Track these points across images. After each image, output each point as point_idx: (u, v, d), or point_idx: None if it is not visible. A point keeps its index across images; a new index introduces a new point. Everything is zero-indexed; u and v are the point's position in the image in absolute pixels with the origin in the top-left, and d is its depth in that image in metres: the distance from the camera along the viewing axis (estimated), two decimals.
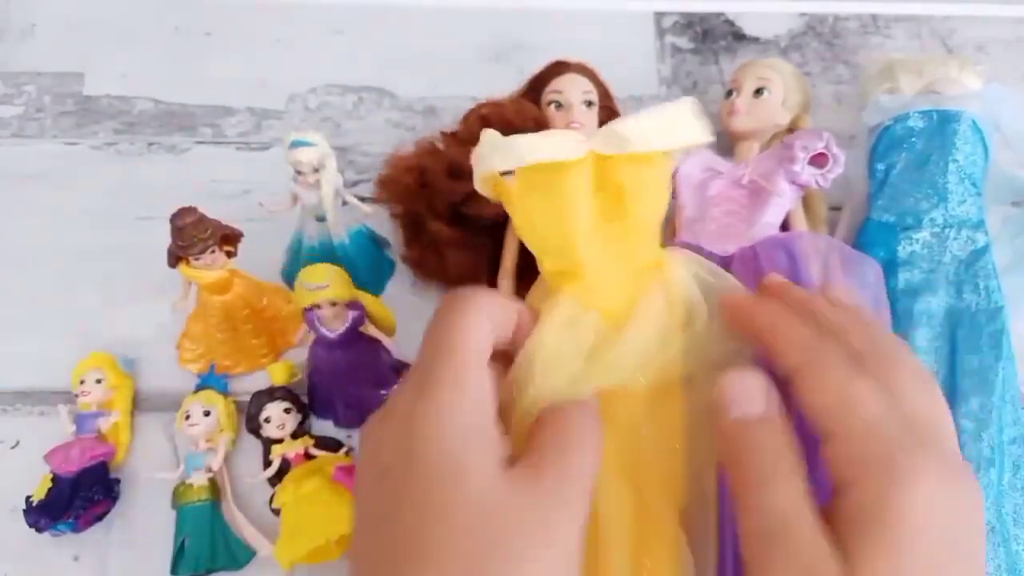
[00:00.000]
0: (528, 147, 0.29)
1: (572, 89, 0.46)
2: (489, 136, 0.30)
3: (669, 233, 0.46)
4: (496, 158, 0.29)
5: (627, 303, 0.30)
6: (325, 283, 0.40)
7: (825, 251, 0.42)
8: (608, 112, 0.48)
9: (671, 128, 0.30)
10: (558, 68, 0.48)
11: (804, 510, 0.23)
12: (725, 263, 0.43)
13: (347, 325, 0.41)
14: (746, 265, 0.42)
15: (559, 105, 0.46)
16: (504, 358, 0.29)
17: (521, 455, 0.25)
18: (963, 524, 0.23)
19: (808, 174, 0.43)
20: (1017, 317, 0.42)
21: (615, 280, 0.30)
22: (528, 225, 0.30)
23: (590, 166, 0.30)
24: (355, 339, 0.42)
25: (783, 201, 0.43)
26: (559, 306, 0.29)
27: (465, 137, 0.45)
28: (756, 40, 0.57)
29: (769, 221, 0.43)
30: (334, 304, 0.41)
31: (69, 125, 0.54)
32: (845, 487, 0.23)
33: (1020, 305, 0.43)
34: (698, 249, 0.43)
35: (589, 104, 0.46)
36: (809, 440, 0.26)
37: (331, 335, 0.41)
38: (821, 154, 0.42)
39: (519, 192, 0.30)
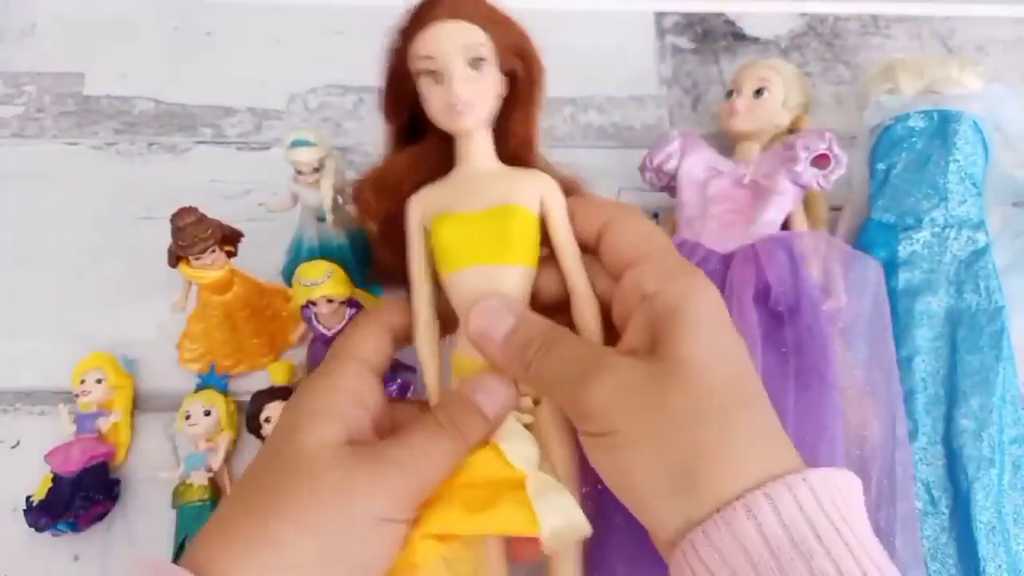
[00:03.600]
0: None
1: (447, 47, 0.32)
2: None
3: (669, 230, 0.46)
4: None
5: None
6: (321, 279, 0.40)
7: (825, 250, 0.42)
8: (527, 75, 0.35)
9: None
10: (421, 15, 0.33)
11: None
12: (725, 261, 0.43)
13: (344, 323, 0.41)
14: (746, 264, 0.42)
15: (432, 75, 0.33)
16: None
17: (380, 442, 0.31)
18: (729, 320, 0.30)
19: (810, 175, 0.43)
20: (1017, 317, 0.42)
21: None
22: None
23: (488, 454, 0.32)
24: None
25: (784, 200, 0.43)
26: None
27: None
28: (756, 40, 0.57)
29: (770, 220, 0.43)
30: (331, 301, 0.41)
31: (69, 125, 0.54)
32: (650, 298, 0.29)
33: (1020, 305, 0.43)
34: (698, 247, 0.43)
35: (477, 63, 0.33)
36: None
37: (328, 333, 0.41)
38: (823, 155, 0.43)
39: None
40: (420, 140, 0.36)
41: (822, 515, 0.25)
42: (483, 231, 0.33)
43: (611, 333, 0.32)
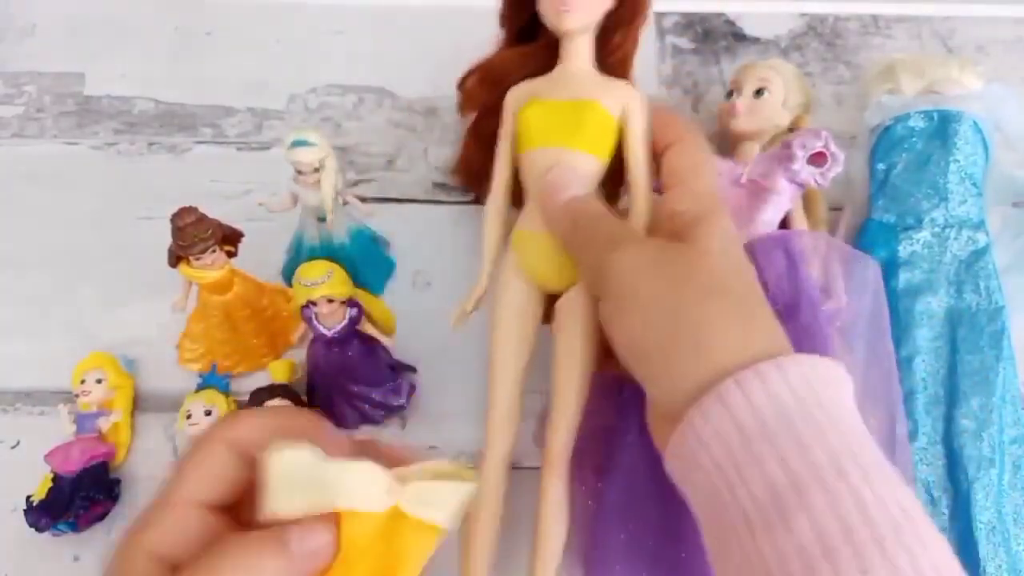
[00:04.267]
0: (331, 490, 0.25)
1: None
2: (287, 465, 0.25)
3: None
4: (295, 495, 0.25)
5: None
6: (321, 279, 0.40)
7: (824, 250, 0.42)
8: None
9: (460, 511, 0.27)
10: None
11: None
12: None
13: (344, 323, 0.41)
14: None
15: None
16: None
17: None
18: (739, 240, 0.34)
19: (807, 173, 0.43)
20: (1017, 317, 0.42)
21: None
22: None
23: (383, 520, 0.26)
24: (353, 338, 0.42)
25: (781, 200, 0.43)
26: None
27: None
28: (757, 40, 0.57)
29: (767, 220, 0.43)
30: (331, 301, 0.41)
31: (69, 125, 0.54)
32: (680, 213, 0.34)
33: (1020, 305, 0.43)
34: None
35: None
36: None
37: (328, 332, 0.41)
38: (820, 153, 0.42)
39: None
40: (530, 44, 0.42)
41: (811, 394, 0.27)
42: (561, 118, 0.38)
43: None
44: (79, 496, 0.41)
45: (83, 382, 0.44)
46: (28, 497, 0.41)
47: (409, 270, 0.49)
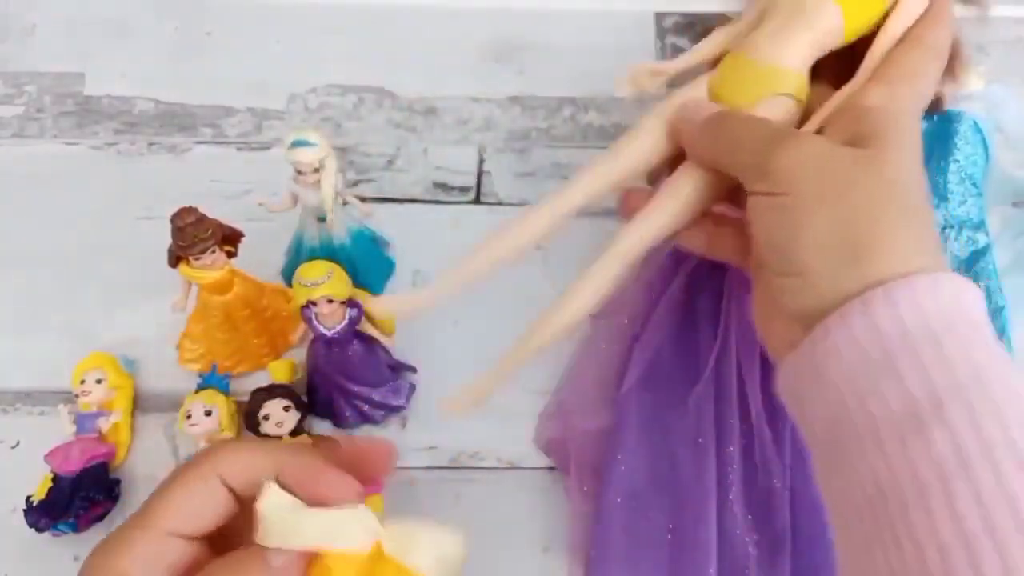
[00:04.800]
0: (313, 530, 0.25)
1: None
2: (273, 504, 0.25)
3: None
4: (275, 534, 0.25)
5: None
6: (321, 279, 0.40)
7: None
8: None
9: (448, 561, 0.27)
10: None
11: None
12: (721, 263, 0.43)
13: (344, 323, 0.41)
14: None
15: None
16: None
17: None
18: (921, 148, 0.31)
19: None
20: (1018, 317, 0.42)
21: None
22: None
23: (367, 559, 0.26)
24: (353, 338, 0.42)
25: None
26: None
27: None
28: None
29: None
30: (331, 301, 0.41)
31: (69, 125, 0.54)
32: (870, 109, 0.31)
33: (1020, 306, 0.43)
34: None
35: None
36: None
37: (328, 333, 0.41)
38: None
39: None
40: None
41: (960, 313, 0.26)
42: None
43: None
44: (79, 496, 0.41)
45: (83, 382, 0.44)
46: (28, 497, 0.41)
47: (409, 270, 0.49)
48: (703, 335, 0.41)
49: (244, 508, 0.26)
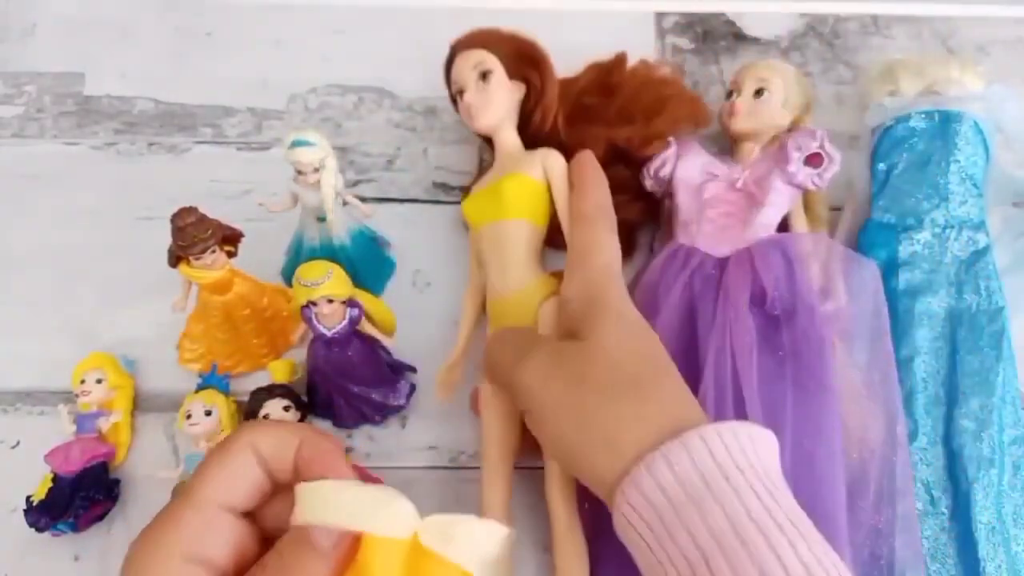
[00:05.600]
0: (352, 512, 0.27)
1: (462, 71, 0.44)
2: (316, 487, 0.27)
3: (667, 235, 0.46)
4: (313, 509, 0.27)
5: None
6: (321, 279, 0.40)
7: (824, 253, 0.42)
8: (539, 78, 0.44)
9: (492, 558, 0.28)
10: (451, 55, 0.46)
11: None
12: (720, 265, 0.43)
13: (344, 323, 0.41)
14: (741, 267, 0.42)
15: (460, 94, 0.44)
16: None
17: None
18: (636, 312, 0.35)
19: (804, 175, 0.43)
20: (1017, 318, 0.42)
21: None
22: None
23: (406, 548, 0.27)
24: (353, 338, 0.42)
25: (780, 202, 0.43)
26: None
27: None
28: (757, 40, 0.56)
29: (765, 222, 0.43)
30: (331, 301, 0.41)
31: (69, 125, 0.54)
32: (571, 302, 0.36)
33: (1020, 306, 0.43)
34: (694, 252, 0.43)
35: (484, 76, 0.43)
36: None
37: (328, 332, 0.41)
38: (816, 154, 0.43)
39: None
40: None
41: (713, 464, 0.28)
42: (487, 197, 0.42)
43: None
44: (79, 496, 0.41)
45: (83, 382, 0.44)
46: (28, 497, 0.41)
47: (409, 270, 0.49)
48: (701, 337, 0.41)
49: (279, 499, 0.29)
